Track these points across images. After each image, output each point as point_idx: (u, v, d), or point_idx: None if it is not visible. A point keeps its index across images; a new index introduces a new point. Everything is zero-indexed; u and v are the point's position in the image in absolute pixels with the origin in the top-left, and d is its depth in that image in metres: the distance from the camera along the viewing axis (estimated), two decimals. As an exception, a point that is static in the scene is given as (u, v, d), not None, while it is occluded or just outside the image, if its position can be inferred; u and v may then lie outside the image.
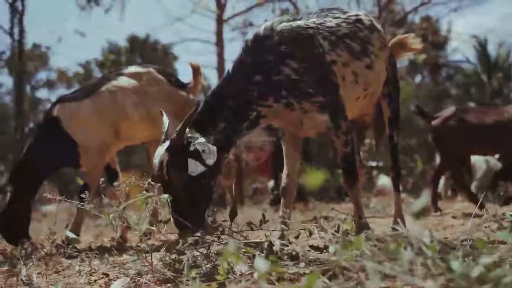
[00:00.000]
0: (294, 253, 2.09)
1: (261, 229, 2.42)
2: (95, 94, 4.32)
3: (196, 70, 4.62)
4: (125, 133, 4.39)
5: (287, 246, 2.17)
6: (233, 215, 2.39)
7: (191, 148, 2.39)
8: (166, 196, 2.23)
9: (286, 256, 2.09)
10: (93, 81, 4.81)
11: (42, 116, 4.58)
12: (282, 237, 2.44)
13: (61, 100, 4.42)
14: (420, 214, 1.23)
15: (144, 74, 4.44)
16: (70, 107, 4.27)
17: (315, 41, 2.76)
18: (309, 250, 2.18)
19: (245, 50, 2.71)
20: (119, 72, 4.56)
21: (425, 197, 1.28)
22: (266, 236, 2.30)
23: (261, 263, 1.08)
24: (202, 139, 2.44)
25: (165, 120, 2.65)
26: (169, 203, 2.30)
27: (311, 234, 2.30)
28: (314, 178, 1.10)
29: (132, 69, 4.55)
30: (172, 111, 4.31)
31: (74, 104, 4.29)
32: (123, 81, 4.38)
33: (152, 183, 2.40)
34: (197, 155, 2.39)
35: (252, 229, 2.40)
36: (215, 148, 2.44)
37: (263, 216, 2.46)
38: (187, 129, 2.45)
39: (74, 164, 4.34)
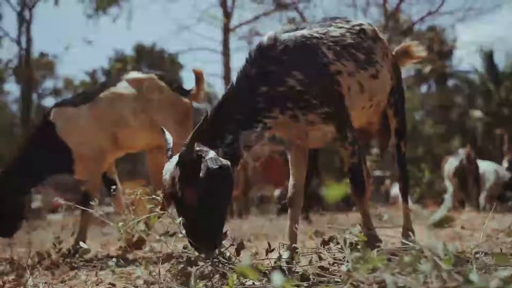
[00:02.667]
0: (304, 275, 2.05)
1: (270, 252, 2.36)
2: (93, 100, 4.21)
3: (199, 77, 4.55)
4: (125, 141, 4.28)
5: (297, 266, 2.13)
6: (240, 248, 2.33)
7: (203, 167, 2.29)
8: (179, 219, 2.20)
9: (296, 275, 2.06)
10: (92, 87, 4.73)
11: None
12: (292, 257, 2.41)
13: (58, 104, 4.33)
14: (439, 225, 1.20)
15: (145, 81, 4.34)
16: (67, 112, 4.16)
17: (319, 51, 2.72)
18: (319, 268, 2.14)
19: (250, 60, 2.67)
20: (119, 78, 4.46)
21: (444, 209, 1.24)
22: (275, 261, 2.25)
23: (278, 278, 1.06)
24: (212, 153, 2.37)
25: (168, 136, 2.57)
26: (183, 224, 2.24)
27: (320, 258, 2.26)
28: (335, 191, 1.07)
29: (133, 75, 4.43)
30: (175, 119, 4.23)
31: (71, 109, 4.17)
32: (123, 88, 4.29)
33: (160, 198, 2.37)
34: (210, 174, 2.29)
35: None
36: (228, 163, 2.38)
37: (269, 244, 2.40)
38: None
39: (67, 170, 4.18)
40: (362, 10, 18.96)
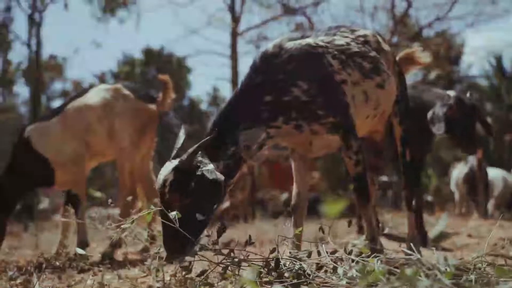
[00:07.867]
0: (301, 271, 2.04)
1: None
2: (62, 112, 4.50)
3: (165, 84, 4.74)
4: (96, 148, 4.52)
5: (295, 263, 2.12)
6: (220, 232, 2.35)
7: (198, 176, 2.29)
8: (174, 213, 2.17)
9: (293, 274, 2.05)
10: (63, 101, 5.00)
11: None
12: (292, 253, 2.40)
13: (31, 123, 4.65)
14: (440, 238, 1.20)
15: (110, 91, 4.61)
16: (40, 127, 4.44)
17: (325, 60, 2.70)
18: (317, 269, 2.14)
19: (254, 68, 2.66)
20: (87, 89, 4.78)
21: (444, 221, 1.25)
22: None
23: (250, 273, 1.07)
24: (211, 166, 2.35)
25: (182, 135, 2.55)
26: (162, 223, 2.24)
27: (319, 253, 2.25)
28: (334, 208, 1.09)
29: (100, 86, 4.76)
30: (135, 127, 4.51)
31: (43, 123, 4.48)
32: (89, 98, 4.55)
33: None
34: (205, 185, 2.29)
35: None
36: (222, 178, 2.35)
37: (250, 237, 2.41)
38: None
39: (48, 183, 4.46)
40: (370, 15, 18.90)
